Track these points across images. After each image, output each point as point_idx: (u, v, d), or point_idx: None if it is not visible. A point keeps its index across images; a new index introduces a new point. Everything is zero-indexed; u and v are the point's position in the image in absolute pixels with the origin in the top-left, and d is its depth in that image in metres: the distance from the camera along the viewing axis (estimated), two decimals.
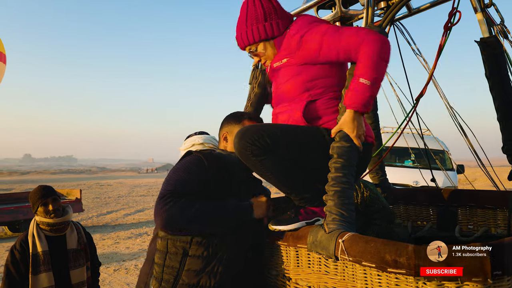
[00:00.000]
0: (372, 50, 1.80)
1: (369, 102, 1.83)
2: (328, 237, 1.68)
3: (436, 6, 2.65)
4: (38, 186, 3.38)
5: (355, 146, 1.87)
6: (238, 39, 2.20)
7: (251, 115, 2.31)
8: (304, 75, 2.01)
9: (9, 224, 14.53)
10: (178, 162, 2.09)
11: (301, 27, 2.01)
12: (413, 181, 10.00)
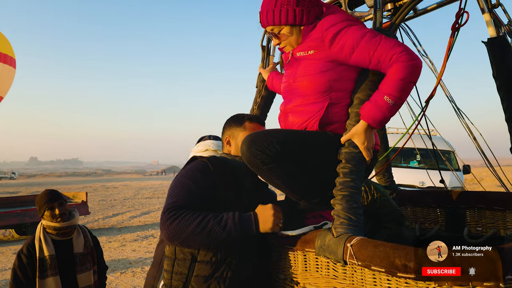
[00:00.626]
0: (405, 72, 1.75)
1: (385, 120, 1.82)
2: (336, 241, 1.67)
3: (443, 7, 2.63)
4: (44, 190, 3.38)
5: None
6: (263, 16, 2.04)
7: (251, 116, 2.27)
8: (331, 73, 1.93)
9: (16, 227, 14.61)
10: (184, 167, 2.09)
11: (337, 22, 1.90)
12: (419, 181, 9.96)
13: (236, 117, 2.27)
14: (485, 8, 2.39)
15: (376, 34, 1.85)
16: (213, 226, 1.82)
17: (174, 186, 1.97)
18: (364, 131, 1.83)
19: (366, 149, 1.84)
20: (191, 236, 1.81)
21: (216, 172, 1.98)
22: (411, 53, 1.77)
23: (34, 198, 3.42)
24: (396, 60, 1.76)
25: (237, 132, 2.20)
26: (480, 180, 22.23)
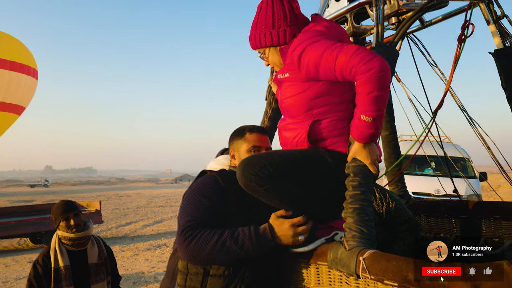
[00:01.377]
0: (368, 84, 1.71)
1: (374, 135, 1.81)
2: (348, 254, 1.66)
3: (450, 18, 2.65)
4: (60, 201, 3.42)
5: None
6: (250, 40, 2.17)
7: (251, 127, 2.26)
8: (308, 92, 1.96)
9: (31, 236, 14.72)
10: (195, 181, 2.11)
11: (301, 42, 1.93)
12: (435, 189, 9.86)
13: (237, 130, 2.28)
14: (490, 20, 2.41)
15: (334, 46, 1.81)
16: (230, 245, 1.84)
17: (187, 203, 1.99)
18: (362, 148, 1.84)
19: (372, 164, 1.84)
20: (210, 256, 1.84)
21: (226, 187, 2.01)
22: (370, 60, 1.70)
23: (49, 207, 3.47)
24: (356, 73, 1.73)
25: (239, 145, 2.21)
26: (497, 187, 21.96)
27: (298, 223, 1.91)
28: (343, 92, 1.97)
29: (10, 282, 9.52)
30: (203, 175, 2.14)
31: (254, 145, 2.18)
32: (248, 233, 1.88)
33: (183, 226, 1.90)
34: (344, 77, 1.80)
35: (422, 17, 2.83)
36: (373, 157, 1.84)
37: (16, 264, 11.50)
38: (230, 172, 2.13)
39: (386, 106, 1.81)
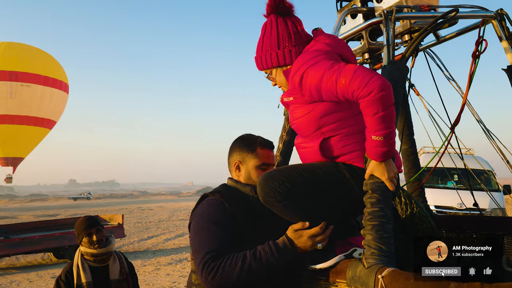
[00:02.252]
0: (372, 107, 1.72)
1: (389, 151, 1.81)
2: (367, 272, 1.65)
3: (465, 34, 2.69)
4: (83, 216, 3.47)
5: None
6: (256, 61, 2.18)
7: (263, 141, 2.19)
8: (315, 113, 1.96)
9: (54, 251, 14.89)
10: (199, 207, 2.08)
11: (300, 66, 1.93)
12: (457, 203, 9.69)
13: (246, 141, 2.19)
14: (502, 36, 2.43)
15: (333, 70, 1.80)
16: (256, 267, 1.84)
17: (199, 235, 1.94)
18: (378, 166, 1.84)
19: (389, 181, 1.83)
20: (237, 283, 1.83)
21: (232, 207, 2.00)
22: (368, 83, 1.69)
23: (72, 221, 3.54)
24: (358, 97, 1.73)
25: (248, 159, 2.15)
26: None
27: (316, 233, 1.90)
28: (349, 106, 1.95)
29: None
30: (204, 200, 2.09)
31: (264, 162, 2.15)
32: (269, 250, 1.87)
33: (203, 261, 1.86)
34: (347, 99, 1.81)
35: (438, 33, 2.86)
36: (389, 173, 1.84)
37: (40, 279, 11.67)
38: (232, 189, 2.12)
39: (395, 122, 1.82)
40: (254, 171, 2.13)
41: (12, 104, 22.74)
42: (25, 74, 22.79)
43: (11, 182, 26.48)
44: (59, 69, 25.24)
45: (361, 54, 3.09)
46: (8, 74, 22.41)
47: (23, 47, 24.43)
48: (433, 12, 2.36)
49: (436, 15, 2.27)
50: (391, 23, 2.21)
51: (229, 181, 2.21)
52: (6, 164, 25.16)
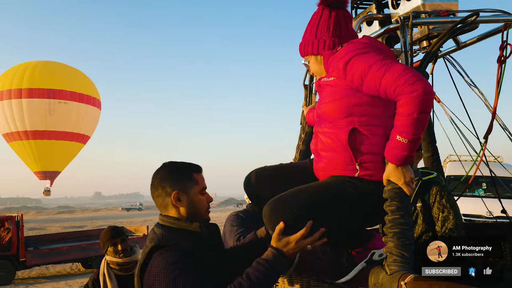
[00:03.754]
0: (409, 105, 1.72)
1: (408, 157, 1.80)
2: (389, 279, 1.64)
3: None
4: (108, 227, 3.55)
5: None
6: (299, 47, 2.24)
7: (194, 166, 2.00)
8: (350, 99, 1.95)
9: (82, 261, 15.25)
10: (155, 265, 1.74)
11: (349, 51, 1.95)
12: (486, 211, 9.45)
13: (179, 168, 1.96)
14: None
15: (383, 63, 1.82)
16: (255, 281, 1.74)
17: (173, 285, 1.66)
18: (394, 170, 1.83)
19: (405, 185, 1.82)
20: None
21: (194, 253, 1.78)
22: (415, 83, 1.71)
23: (99, 232, 3.60)
24: (399, 93, 1.73)
25: (188, 186, 1.91)
26: None
27: (302, 236, 1.84)
28: (385, 105, 1.94)
29: None
30: (156, 254, 1.76)
31: (204, 186, 1.97)
32: (263, 268, 1.78)
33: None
34: (387, 95, 1.80)
35: (458, 39, 2.82)
36: (406, 178, 1.82)
37: None
38: (178, 232, 1.85)
39: (423, 132, 1.81)
40: (198, 197, 1.93)
41: (51, 120, 24.03)
42: (62, 92, 24.19)
43: (50, 195, 27.55)
44: (92, 86, 26.64)
45: None
46: (47, 92, 23.75)
47: (59, 66, 25.95)
48: (452, 17, 2.31)
49: (455, 20, 2.24)
50: (408, 29, 2.19)
51: (168, 221, 1.88)
52: (44, 178, 26.31)
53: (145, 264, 1.78)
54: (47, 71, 24.42)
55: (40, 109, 23.71)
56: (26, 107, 23.50)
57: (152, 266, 1.74)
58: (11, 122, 23.85)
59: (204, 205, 1.96)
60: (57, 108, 24.06)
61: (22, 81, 23.54)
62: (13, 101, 23.46)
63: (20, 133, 24.12)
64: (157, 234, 1.85)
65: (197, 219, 1.91)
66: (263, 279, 1.75)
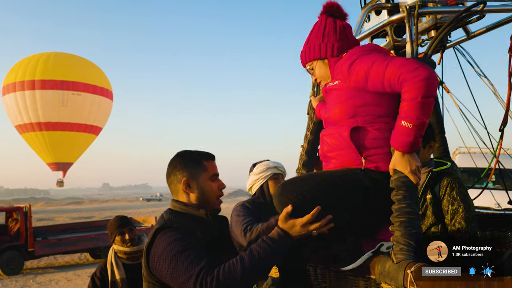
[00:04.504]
0: (413, 90, 1.75)
1: (414, 143, 1.80)
2: (396, 267, 1.65)
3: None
4: (115, 216, 3.58)
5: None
6: (301, 55, 2.26)
7: (205, 154, 2.08)
8: (354, 100, 1.99)
9: (91, 251, 15.42)
10: (159, 244, 1.83)
11: (353, 54, 2.01)
12: (494, 203, 9.42)
13: (189, 156, 2.05)
14: None
15: (385, 58, 1.88)
16: (257, 266, 1.77)
17: (173, 264, 1.75)
18: (401, 157, 1.83)
19: (412, 173, 1.81)
20: (241, 286, 1.75)
21: (192, 234, 1.86)
22: (417, 69, 1.76)
23: (107, 223, 3.63)
24: (403, 80, 1.76)
25: (198, 173, 1.99)
26: None
27: (308, 221, 1.86)
28: (388, 106, 1.98)
29: None
30: (159, 235, 1.85)
31: (214, 173, 2.04)
32: (266, 245, 1.81)
33: (195, 280, 1.70)
34: (391, 86, 1.83)
35: (468, 28, 2.79)
36: (412, 166, 1.82)
37: (78, 278, 12.00)
38: (185, 216, 1.95)
39: (428, 117, 1.81)
40: (208, 183, 2.00)
41: (64, 112, 24.22)
42: (76, 83, 24.34)
43: (63, 186, 27.95)
44: (104, 77, 26.93)
45: None
46: (60, 83, 23.89)
47: (71, 57, 26.10)
48: (461, 6, 2.29)
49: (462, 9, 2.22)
50: (414, 18, 2.18)
51: (177, 206, 2.00)
52: (57, 169, 26.63)
53: (150, 245, 1.86)
54: (60, 62, 24.54)
55: (53, 101, 23.84)
56: (39, 98, 23.63)
57: (156, 246, 1.83)
58: (24, 113, 23.98)
59: (215, 191, 2.03)
60: (71, 100, 24.20)
61: (35, 72, 23.64)
62: (27, 92, 23.59)
63: (33, 124, 24.25)
64: (164, 218, 1.97)
65: (206, 206, 1.99)
66: (264, 257, 1.79)
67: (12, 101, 24.09)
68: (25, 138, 25.38)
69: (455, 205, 2.42)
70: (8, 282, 12.01)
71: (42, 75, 23.66)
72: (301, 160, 2.69)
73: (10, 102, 24.21)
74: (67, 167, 26.94)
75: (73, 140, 25.42)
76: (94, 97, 25.28)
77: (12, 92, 23.93)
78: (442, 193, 2.47)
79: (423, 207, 2.57)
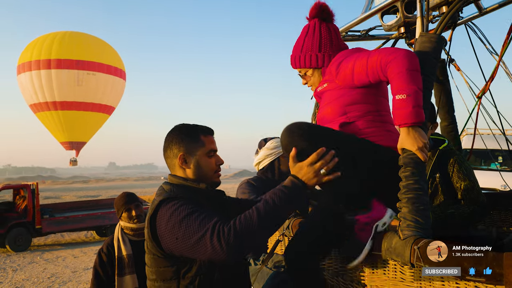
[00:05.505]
0: (396, 65, 1.80)
1: (415, 112, 1.78)
2: (403, 243, 1.64)
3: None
4: (122, 192, 3.59)
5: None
6: (292, 60, 2.30)
7: (204, 128, 2.06)
8: (343, 99, 2.05)
9: (97, 229, 15.61)
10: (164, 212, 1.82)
11: (340, 56, 2.10)
12: (501, 185, 9.39)
13: (186, 130, 2.02)
14: None
15: (367, 52, 1.98)
16: (274, 213, 1.75)
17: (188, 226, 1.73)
18: (407, 135, 1.81)
19: (419, 151, 1.79)
20: (260, 235, 1.74)
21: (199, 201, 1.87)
22: (396, 50, 1.85)
23: (113, 202, 3.65)
24: (385, 63, 1.84)
25: (194, 148, 1.98)
26: None
27: (313, 160, 1.82)
28: (376, 102, 2.06)
29: (79, 271, 10.10)
30: (164, 204, 1.84)
31: (212, 148, 2.02)
32: (281, 192, 1.78)
33: (211, 232, 1.68)
34: (374, 73, 1.89)
35: (480, 4, 2.74)
36: (419, 143, 1.79)
37: (84, 255, 12.16)
38: (187, 188, 1.94)
39: (420, 88, 1.81)
40: (205, 159, 1.99)
41: (80, 91, 24.39)
42: (91, 63, 24.50)
43: (77, 165, 28.31)
44: (117, 57, 27.31)
45: (396, 28, 2.98)
46: (75, 63, 24.02)
47: (86, 37, 26.10)
48: None
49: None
50: None
51: (175, 180, 1.99)
52: (71, 148, 26.93)
53: (154, 216, 1.84)
54: (75, 42, 24.62)
55: (69, 80, 23.99)
56: (55, 77, 23.75)
57: (161, 216, 1.81)
58: (40, 92, 24.15)
59: (211, 167, 2.01)
60: (86, 79, 24.37)
61: (50, 52, 23.73)
62: (42, 71, 23.70)
63: (48, 103, 24.43)
64: (165, 189, 1.94)
65: (205, 181, 1.98)
66: (280, 204, 1.75)
67: (27, 80, 24.23)
68: (40, 117, 25.58)
69: (467, 181, 2.46)
70: (16, 258, 12.20)
71: (58, 54, 23.74)
72: None
73: (26, 81, 24.37)
74: (81, 146, 27.26)
75: (87, 120, 25.67)
76: (108, 77, 25.47)
77: (27, 71, 24.03)
78: (450, 171, 2.49)
79: (433, 186, 2.57)
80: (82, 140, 26.98)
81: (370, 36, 3.20)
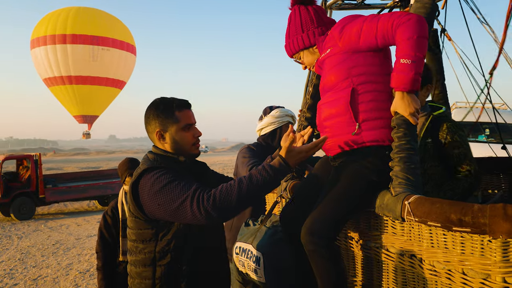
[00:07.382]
0: (407, 30, 1.80)
1: (415, 80, 1.81)
2: (394, 199, 1.72)
3: None
4: (125, 158, 3.68)
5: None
6: (285, 48, 2.35)
7: (179, 103, 2.10)
8: (347, 62, 2.03)
9: (99, 198, 15.83)
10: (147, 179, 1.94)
11: (343, 21, 2.08)
12: (488, 156, 9.45)
13: (162, 106, 2.08)
14: None
15: (376, 15, 1.97)
16: (253, 189, 1.88)
17: (169, 191, 1.87)
18: (401, 99, 1.85)
19: (411, 116, 1.84)
20: (237, 207, 1.87)
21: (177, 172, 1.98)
22: (409, 13, 1.84)
23: (115, 172, 3.74)
24: (397, 25, 1.83)
25: (169, 124, 2.06)
26: None
27: (307, 149, 2.01)
28: (380, 64, 2.03)
29: (82, 239, 10.30)
30: (147, 173, 1.96)
31: (187, 123, 2.08)
32: (267, 174, 1.90)
33: (191, 198, 1.83)
34: (384, 36, 1.89)
35: None
36: (411, 108, 1.84)
37: (87, 223, 12.36)
38: (167, 158, 2.06)
39: (425, 56, 1.84)
40: (180, 134, 2.06)
41: (94, 66, 24.94)
42: (105, 39, 25.08)
43: (90, 138, 28.87)
44: (129, 33, 27.83)
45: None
46: (91, 38, 24.51)
47: (99, 13, 26.40)
48: None
49: None
50: None
51: (157, 151, 2.10)
52: (84, 121, 27.55)
53: (136, 184, 1.96)
54: (89, 17, 25.01)
55: (84, 55, 24.43)
56: (70, 52, 24.14)
57: (144, 182, 1.93)
58: (55, 67, 24.53)
59: (188, 141, 2.09)
60: (101, 55, 24.87)
61: (66, 27, 24.06)
62: (58, 46, 24.04)
63: (63, 78, 24.88)
64: (149, 158, 2.07)
65: (183, 153, 2.08)
66: (262, 185, 1.89)
67: (42, 55, 24.51)
68: (54, 91, 26.07)
69: (461, 149, 2.42)
70: (21, 227, 12.41)
71: (73, 29, 24.12)
72: (303, 116, 2.76)
73: (41, 55, 24.65)
74: (93, 119, 27.83)
75: (101, 94, 26.26)
76: (121, 52, 25.99)
77: (43, 45, 24.31)
78: (442, 137, 2.46)
79: (422, 151, 2.56)
80: (95, 113, 27.54)
81: (366, 5, 3.20)
